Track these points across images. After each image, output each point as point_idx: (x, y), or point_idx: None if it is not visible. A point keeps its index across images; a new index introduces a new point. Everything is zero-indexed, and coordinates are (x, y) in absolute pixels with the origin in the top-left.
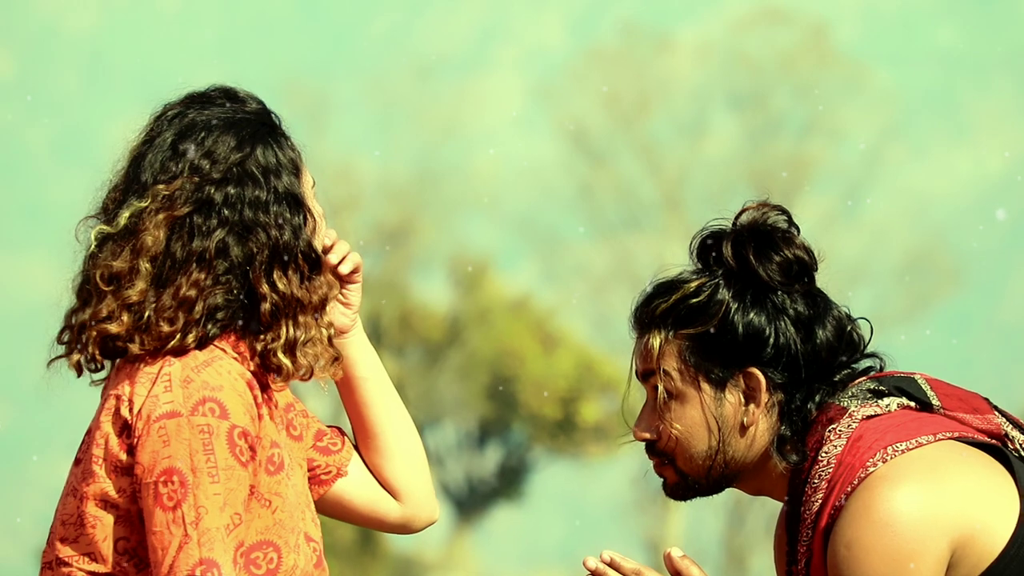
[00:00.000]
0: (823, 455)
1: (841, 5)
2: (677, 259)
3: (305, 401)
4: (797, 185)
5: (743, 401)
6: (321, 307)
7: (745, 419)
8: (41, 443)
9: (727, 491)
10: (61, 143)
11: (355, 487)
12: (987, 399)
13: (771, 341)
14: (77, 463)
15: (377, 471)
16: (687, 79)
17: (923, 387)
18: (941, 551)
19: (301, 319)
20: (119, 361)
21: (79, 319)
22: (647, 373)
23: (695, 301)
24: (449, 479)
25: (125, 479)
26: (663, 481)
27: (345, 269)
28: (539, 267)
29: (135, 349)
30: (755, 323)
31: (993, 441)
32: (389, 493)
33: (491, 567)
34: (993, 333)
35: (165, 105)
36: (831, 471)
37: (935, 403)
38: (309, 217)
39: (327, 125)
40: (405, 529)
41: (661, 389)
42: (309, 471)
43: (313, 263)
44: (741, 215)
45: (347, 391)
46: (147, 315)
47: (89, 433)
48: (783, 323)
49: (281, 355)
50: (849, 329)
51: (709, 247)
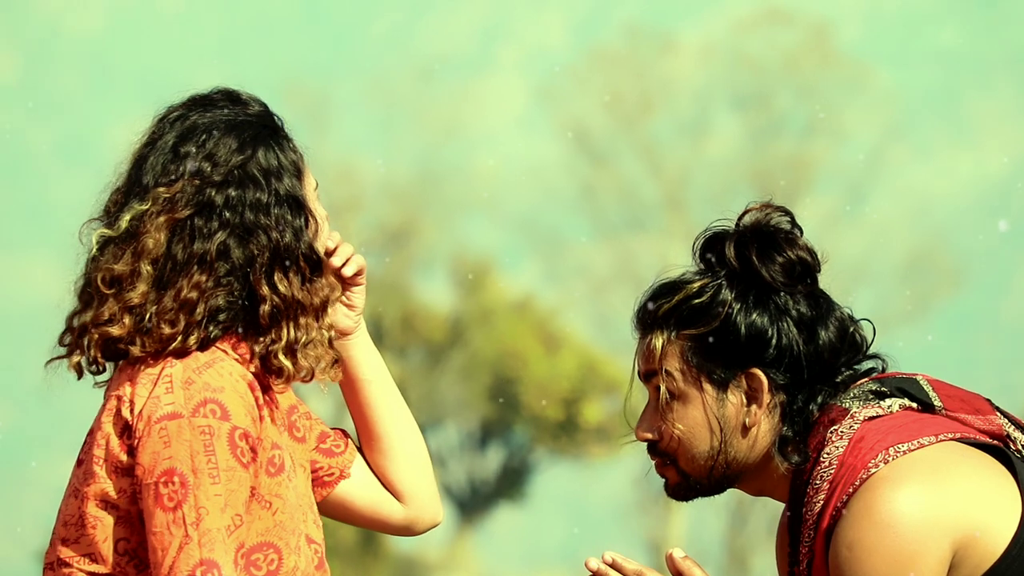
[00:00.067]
0: (825, 456)
1: (843, 6)
2: (679, 260)
3: (307, 402)
4: (799, 186)
5: (745, 402)
6: (322, 309)
7: (747, 420)
8: (42, 444)
9: (729, 492)
10: (64, 144)
11: (358, 489)
12: (989, 400)
13: (773, 342)
14: (79, 464)
15: (381, 473)
16: (689, 80)
17: (925, 388)
18: (943, 552)
19: (302, 321)
20: (121, 363)
21: (80, 321)
22: (649, 373)
23: (698, 302)
24: (451, 480)
25: (126, 480)
26: (665, 482)
27: (349, 272)
28: (541, 268)
29: (136, 351)
30: (757, 324)
31: (995, 442)
32: (393, 495)
33: (493, 568)
34: (994, 334)
35: (168, 107)
36: (833, 472)
37: (937, 404)
38: (311, 219)
39: (328, 126)
40: (408, 531)
41: (663, 389)
42: (312, 473)
43: (314, 265)
44: (744, 216)
45: (351, 393)
46: (148, 317)
47: (90, 434)
48: (786, 324)
49: (282, 357)
50: (852, 330)
51: (712, 248)
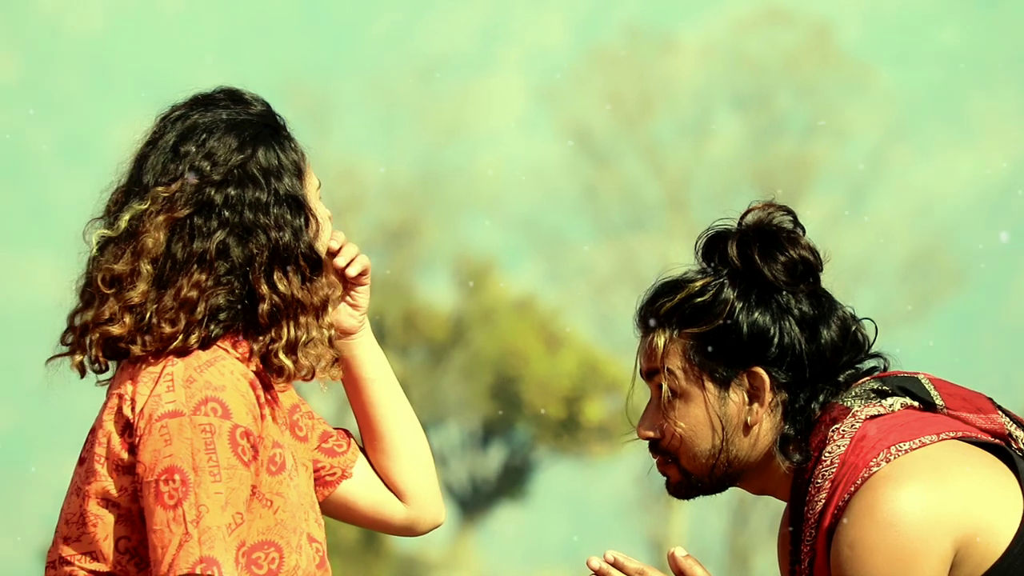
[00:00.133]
0: (826, 455)
1: (844, 6)
2: (681, 260)
3: (308, 401)
4: (800, 186)
5: (747, 400)
6: (322, 308)
7: (749, 418)
8: (45, 444)
9: (730, 490)
10: (65, 144)
11: (360, 489)
12: (991, 399)
13: (775, 341)
14: (81, 462)
15: (383, 472)
16: (690, 80)
17: (927, 387)
18: (944, 550)
19: (302, 320)
20: (123, 361)
21: (82, 320)
22: (651, 372)
23: (700, 300)
24: (453, 479)
25: (126, 478)
26: (666, 480)
27: (353, 272)
28: (543, 267)
29: (137, 350)
30: (760, 323)
31: (997, 441)
32: (395, 495)
33: (495, 566)
34: (996, 333)
35: (171, 106)
36: (834, 471)
37: (939, 403)
38: (311, 219)
39: (330, 126)
40: (410, 531)
41: (665, 388)
42: (314, 472)
43: (314, 265)
44: (747, 215)
45: (354, 392)
46: (148, 316)
47: (92, 432)
48: (788, 323)
49: (282, 355)
50: (854, 329)
51: (714, 247)
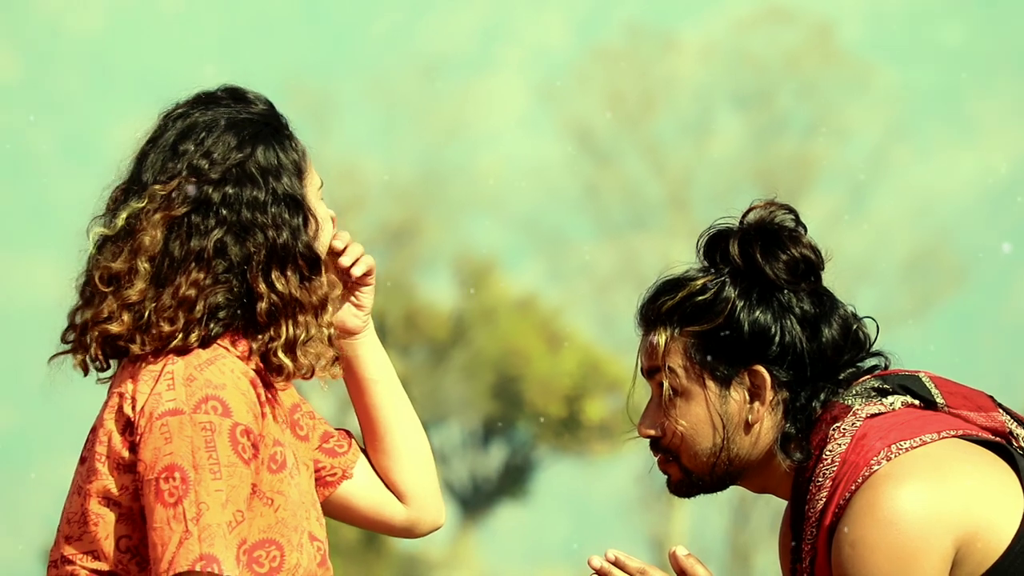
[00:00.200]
0: (827, 453)
1: (845, 4)
2: (682, 258)
3: (309, 400)
4: (801, 185)
5: (748, 399)
6: (321, 307)
7: (750, 417)
8: (46, 443)
9: (732, 489)
10: (65, 144)
11: (360, 489)
12: (992, 397)
13: (777, 339)
14: (82, 461)
15: (384, 473)
16: (692, 79)
17: (927, 385)
18: (945, 549)
19: (300, 319)
20: (124, 360)
21: (82, 318)
22: (652, 370)
23: (701, 299)
24: (454, 478)
25: (127, 476)
26: (667, 478)
27: (358, 271)
28: (544, 267)
29: (136, 349)
30: (761, 321)
31: (998, 439)
32: (395, 496)
33: (496, 565)
34: (997, 331)
35: (175, 104)
36: (835, 469)
37: (939, 401)
38: (310, 218)
39: (330, 126)
40: (410, 533)
41: (666, 386)
42: (315, 472)
43: (312, 264)
44: (748, 213)
45: (357, 393)
46: (147, 315)
47: (93, 431)
48: (789, 321)
49: (281, 354)
50: (855, 328)
51: (716, 245)
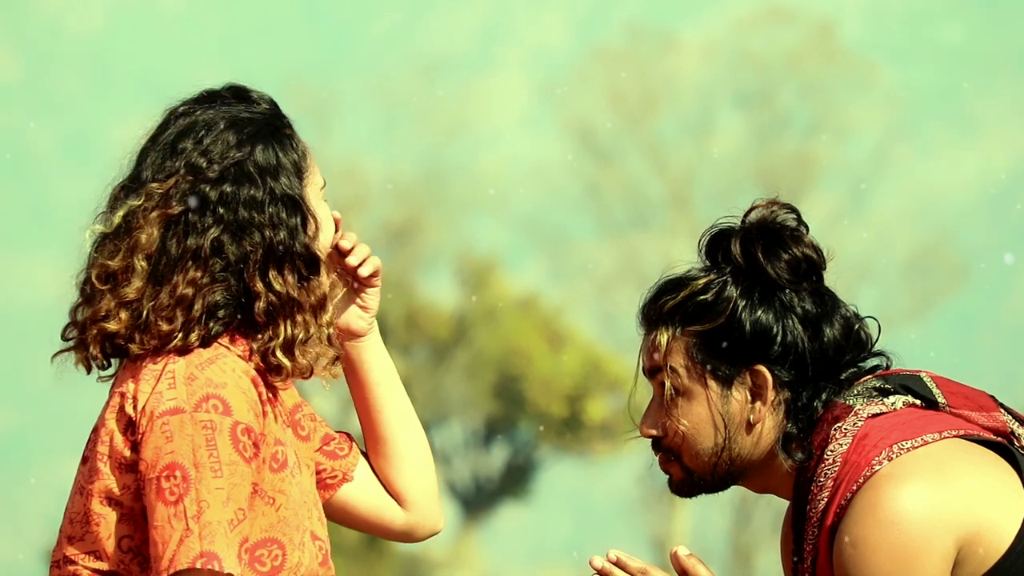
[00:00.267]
0: (829, 453)
1: (846, 3)
2: (684, 258)
3: (311, 401)
4: (803, 183)
5: (749, 399)
6: (320, 307)
7: (751, 416)
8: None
9: (733, 489)
10: (65, 144)
11: (360, 492)
12: (993, 397)
13: (778, 339)
14: (84, 461)
15: (384, 477)
16: (693, 78)
17: (929, 385)
18: (947, 549)
19: (299, 318)
20: (125, 360)
21: (83, 316)
22: (654, 370)
23: (703, 298)
24: (456, 477)
25: (129, 476)
26: (669, 478)
27: (365, 272)
28: (546, 266)
29: (136, 349)
30: (762, 321)
31: (999, 439)
32: (395, 499)
33: (498, 565)
34: (998, 331)
35: (180, 102)
36: (837, 469)
37: (941, 401)
38: (309, 219)
39: (331, 125)
40: (409, 537)
41: (668, 386)
42: (316, 474)
43: (310, 264)
44: (750, 213)
45: (359, 395)
46: (145, 314)
47: (95, 431)
48: (791, 321)
49: (280, 354)
50: (856, 328)
51: (717, 244)
